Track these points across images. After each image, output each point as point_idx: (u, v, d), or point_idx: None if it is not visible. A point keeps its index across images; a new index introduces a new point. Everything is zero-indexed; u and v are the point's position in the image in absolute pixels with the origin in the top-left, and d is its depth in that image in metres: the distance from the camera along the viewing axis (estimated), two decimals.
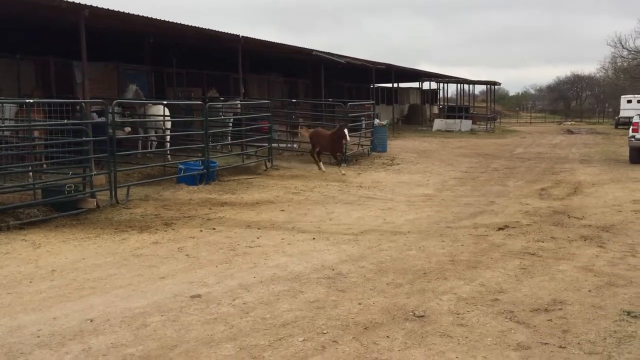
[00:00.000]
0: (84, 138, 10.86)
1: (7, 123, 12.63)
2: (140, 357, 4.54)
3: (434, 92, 48.33)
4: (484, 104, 47.29)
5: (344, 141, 16.57)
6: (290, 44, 23.78)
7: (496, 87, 44.73)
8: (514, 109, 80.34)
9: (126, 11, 14.28)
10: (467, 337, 4.93)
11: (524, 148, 25.75)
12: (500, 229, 9.09)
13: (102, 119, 12.53)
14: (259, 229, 9.14)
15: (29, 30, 16.64)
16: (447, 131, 35.16)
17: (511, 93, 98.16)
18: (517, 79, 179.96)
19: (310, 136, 17.29)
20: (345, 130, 16.29)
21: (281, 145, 19.64)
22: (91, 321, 5.23)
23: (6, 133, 12.31)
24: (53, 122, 11.56)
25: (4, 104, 12.71)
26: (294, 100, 23.60)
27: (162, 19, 15.81)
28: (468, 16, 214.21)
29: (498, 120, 46.64)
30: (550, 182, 14.57)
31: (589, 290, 6.13)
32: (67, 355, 4.55)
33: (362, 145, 20.92)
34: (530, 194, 12.74)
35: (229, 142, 17.59)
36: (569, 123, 56.68)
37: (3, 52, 16.46)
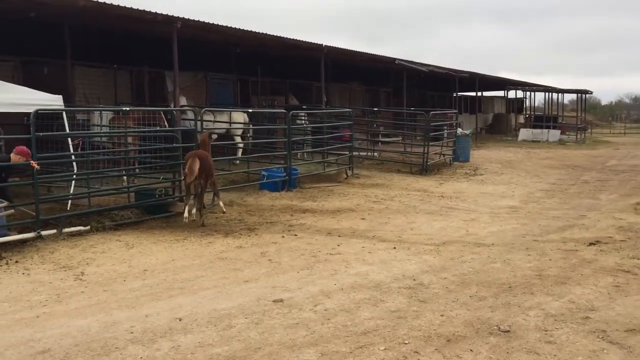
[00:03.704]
0: (174, 144, 11.35)
1: (103, 129, 13.41)
2: (226, 357, 4.68)
3: (520, 101, 46.83)
4: (574, 114, 45.31)
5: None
6: (372, 53, 23.83)
7: (587, 96, 42.75)
8: (606, 119, 76.37)
9: (214, 22, 14.85)
10: (555, 356, 4.74)
11: (617, 160, 24.42)
12: (591, 244, 8.68)
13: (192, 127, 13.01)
14: (339, 236, 9.19)
15: (125, 41, 17.60)
16: (533, 141, 33.94)
17: (603, 102, 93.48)
18: (610, 87, 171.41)
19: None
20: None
21: (362, 153, 19.66)
22: (180, 320, 5.45)
23: (103, 139, 13.08)
24: (146, 129, 12.17)
25: (102, 112, 13.53)
26: (375, 109, 23.60)
27: (249, 29, 16.31)
28: (550, 22, 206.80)
29: (589, 130, 44.48)
30: None
31: None
32: (158, 352, 4.76)
33: (444, 155, 20.60)
34: (624, 209, 12.07)
35: (310, 150, 17.81)
36: None
37: (101, 63, 17.50)
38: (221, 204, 10.49)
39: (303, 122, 18.68)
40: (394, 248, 8.43)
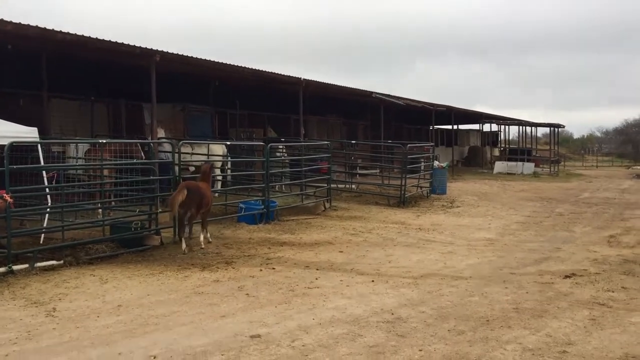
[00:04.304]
0: (151, 177, 11.27)
1: (78, 162, 13.27)
2: None
3: (495, 134, 47.68)
4: (547, 147, 46.19)
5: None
6: (350, 86, 24.15)
7: (560, 129, 43.71)
8: (578, 152, 77.97)
9: (193, 55, 14.94)
10: None
11: (590, 192, 24.86)
12: (567, 276, 8.75)
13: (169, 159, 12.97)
14: (317, 269, 9.14)
15: (102, 73, 17.58)
16: (508, 174, 34.44)
17: (576, 136, 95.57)
18: (582, 121, 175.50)
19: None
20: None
21: (340, 185, 19.73)
22: (154, 358, 5.34)
23: (78, 171, 12.93)
24: (123, 162, 12.08)
25: (77, 144, 13.41)
26: (352, 142, 23.77)
27: (227, 62, 16.43)
28: (525, 58, 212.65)
29: (562, 163, 45.34)
30: (620, 229, 13.97)
31: None
32: None
33: (421, 187, 20.76)
34: (598, 241, 12.24)
35: (289, 182, 17.83)
36: (639, 167, 54.41)
37: (78, 95, 17.42)
38: (202, 237, 10.53)
39: (281, 154, 18.72)
40: (372, 281, 8.40)
